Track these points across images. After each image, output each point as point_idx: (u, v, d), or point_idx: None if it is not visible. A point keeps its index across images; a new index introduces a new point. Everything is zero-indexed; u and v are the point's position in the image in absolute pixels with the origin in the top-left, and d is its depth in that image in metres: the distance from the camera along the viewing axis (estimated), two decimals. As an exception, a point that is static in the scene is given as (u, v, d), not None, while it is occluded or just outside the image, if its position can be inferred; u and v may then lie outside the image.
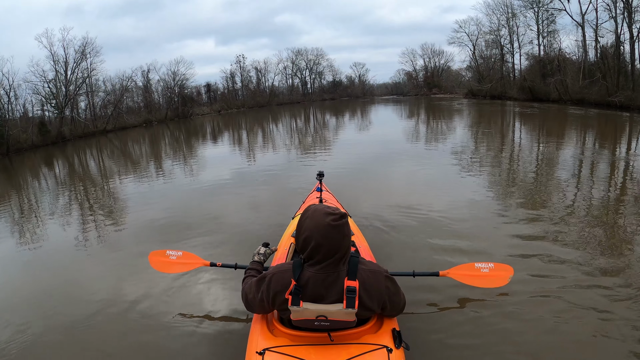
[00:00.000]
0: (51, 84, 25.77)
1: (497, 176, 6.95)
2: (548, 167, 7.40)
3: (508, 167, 7.75)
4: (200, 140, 18.18)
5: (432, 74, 48.93)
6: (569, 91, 22.33)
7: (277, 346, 1.58)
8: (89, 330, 2.78)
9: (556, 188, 5.89)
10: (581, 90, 21.44)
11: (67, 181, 10.30)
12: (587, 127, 13.59)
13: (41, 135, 22.15)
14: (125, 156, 14.98)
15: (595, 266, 3.22)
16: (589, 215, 4.51)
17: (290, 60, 51.03)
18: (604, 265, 3.22)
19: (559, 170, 6.98)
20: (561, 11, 24.84)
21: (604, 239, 3.83)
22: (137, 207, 6.32)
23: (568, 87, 22.51)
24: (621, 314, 2.55)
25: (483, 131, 13.78)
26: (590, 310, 2.61)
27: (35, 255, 4.59)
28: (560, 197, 5.38)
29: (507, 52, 32.26)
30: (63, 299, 3.30)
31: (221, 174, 8.49)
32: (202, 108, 40.45)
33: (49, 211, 6.82)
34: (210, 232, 4.67)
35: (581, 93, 21.30)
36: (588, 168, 7.06)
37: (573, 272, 3.15)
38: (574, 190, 5.73)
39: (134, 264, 3.82)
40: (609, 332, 2.39)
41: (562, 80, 22.99)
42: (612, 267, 3.19)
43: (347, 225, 1.57)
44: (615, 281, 2.96)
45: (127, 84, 31.87)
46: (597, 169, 6.92)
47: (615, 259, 3.35)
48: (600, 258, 3.37)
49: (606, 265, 3.22)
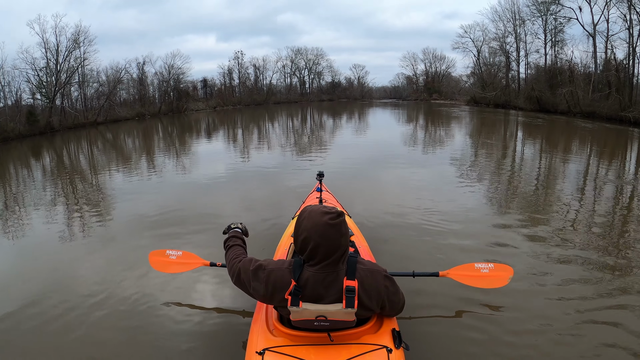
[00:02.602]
0: (41, 72, 25.59)
1: (498, 180, 7.06)
2: (550, 176, 7.52)
3: (510, 173, 7.85)
4: (195, 137, 18.15)
5: (433, 79, 49.27)
6: (579, 103, 21.76)
7: (277, 346, 1.60)
8: (85, 329, 2.78)
9: (557, 193, 6.04)
10: (592, 103, 20.93)
11: (56, 174, 10.22)
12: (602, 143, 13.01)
13: (29, 125, 21.95)
14: (117, 149, 14.91)
15: (596, 269, 3.31)
16: (589, 219, 4.64)
17: (290, 59, 51.23)
18: (606, 269, 3.31)
19: (561, 179, 7.11)
20: (570, 20, 24.88)
21: (606, 243, 3.92)
22: (133, 204, 6.28)
23: (579, 99, 21.97)
24: (622, 314, 2.63)
25: (486, 140, 13.92)
26: (590, 312, 2.68)
27: (26, 251, 4.55)
28: (562, 202, 5.50)
29: (513, 60, 32.38)
30: (58, 297, 3.27)
31: (219, 173, 8.51)
32: (198, 103, 40.35)
33: (37, 205, 6.74)
34: (209, 232, 4.68)
35: (592, 106, 20.72)
36: (592, 181, 7.18)
37: (573, 273, 3.24)
38: (575, 195, 5.86)
39: (131, 263, 3.81)
40: (609, 334, 2.46)
41: (574, 91, 22.39)
42: (613, 270, 3.27)
43: (344, 223, 1.59)
44: (616, 284, 3.05)
45: (121, 75, 31.74)
46: (601, 182, 7.04)
47: (616, 262, 3.44)
48: (601, 261, 3.46)
49: (607, 269, 3.31)
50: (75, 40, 26.28)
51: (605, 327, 2.53)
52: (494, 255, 3.67)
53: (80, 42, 26.55)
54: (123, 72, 31.84)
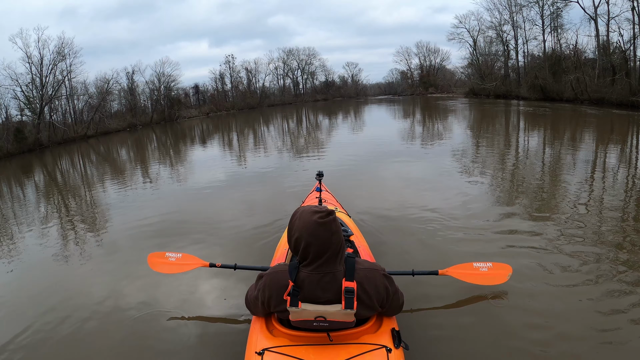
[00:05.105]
0: (26, 87, 25.62)
1: (501, 176, 7.08)
2: (556, 168, 7.49)
3: (513, 167, 7.87)
4: (189, 144, 18.16)
5: (428, 72, 49.37)
6: (587, 90, 21.11)
7: (277, 346, 1.63)
8: (86, 332, 2.86)
9: (564, 185, 6.04)
10: (600, 89, 20.33)
11: (48, 190, 10.25)
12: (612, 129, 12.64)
13: (17, 143, 21.95)
14: (110, 162, 14.94)
15: (603, 265, 3.31)
16: (590, 217, 4.58)
17: (282, 61, 51.32)
18: (614, 264, 3.31)
19: (567, 170, 7.08)
20: (568, 4, 24.59)
21: (608, 239, 3.91)
22: (130, 215, 6.28)
23: (587, 85, 21.30)
24: (622, 313, 2.63)
25: (487, 133, 13.92)
26: (591, 311, 2.69)
27: (26, 262, 4.62)
28: (568, 194, 5.50)
29: (512, 49, 32.25)
30: (59, 302, 3.35)
31: (216, 179, 8.54)
32: (190, 111, 40.42)
33: (32, 222, 6.77)
34: (208, 234, 4.76)
35: (600, 92, 20.10)
36: (600, 172, 7.14)
37: (578, 270, 3.24)
38: (578, 192, 5.83)
39: (131, 266, 3.89)
40: (615, 332, 2.46)
41: (581, 77, 21.70)
42: (622, 266, 3.27)
43: (335, 222, 1.62)
44: (625, 280, 3.04)
45: (109, 86, 31.80)
46: (608, 170, 7.04)
47: (626, 258, 3.43)
48: (610, 257, 3.45)
49: (616, 264, 3.31)
50: (60, 52, 26.35)
51: (610, 325, 2.52)
52: (496, 252, 3.66)
53: (65, 54, 26.64)
54: (111, 82, 31.95)
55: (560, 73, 24.20)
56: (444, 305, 2.86)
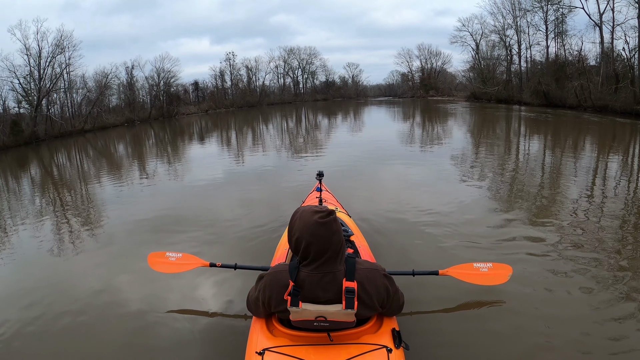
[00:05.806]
0: (23, 80, 25.50)
1: (500, 179, 7.10)
2: (556, 173, 7.53)
3: (513, 171, 7.90)
4: (188, 141, 18.15)
5: (429, 75, 49.49)
6: (591, 97, 20.99)
7: (277, 346, 1.63)
8: (84, 330, 2.85)
9: (563, 190, 6.07)
10: (604, 97, 20.27)
11: (45, 184, 10.21)
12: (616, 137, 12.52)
13: (13, 136, 21.87)
14: (107, 157, 14.90)
15: (603, 269, 3.33)
16: (590, 223, 4.61)
17: (283, 59, 51.35)
18: (613, 269, 3.34)
19: (567, 176, 7.10)
20: (572, 10, 24.43)
21: (607, 242, 3.93)
22: (129, 211, 6.28)
23: (591, 92, 21.20)
24: (624, 319, 2.64)
25: (487, 138, 13.96)
26: (592, 317, 2.69)
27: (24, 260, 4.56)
28: (568, 199, 5.53)
29: (514, 54, 32.25)
30: (57, 300, 3.34)
31: (215, 177, 8.53)
32: (189, 107, 40.36)
33: (29, 216, 6.73)
34: (207, 232, 4.76)
35: (604, 99, 20.07)
36: (600, 177, 7.21)
37: (578, 273, 3.26)
38: (584, 192, 5.88)
39: (131, 265, 3.88)
40: (615, 334, 2.48)
41: (585, 84, 21.68)
42: (621, 271, 3.29)
43: (335, 222, 1.63)
44: (620, 285, 3.06)
45: (108, 80, 31.70)
46: (609, 178, 7.06)
47: (625, 264, 3.45)
48: (608, 261, 3.48)
49: (615, 270, 3.33)
50: (59, 44, 26.27)
51: (610, 327, 2.54)
52: (496, 253, 3.69)
53: (64, 47, 26.55)
54: (110, 77, 31.84)
55: (564, 79, 24.16)
56: (444, 305, 2.87)
